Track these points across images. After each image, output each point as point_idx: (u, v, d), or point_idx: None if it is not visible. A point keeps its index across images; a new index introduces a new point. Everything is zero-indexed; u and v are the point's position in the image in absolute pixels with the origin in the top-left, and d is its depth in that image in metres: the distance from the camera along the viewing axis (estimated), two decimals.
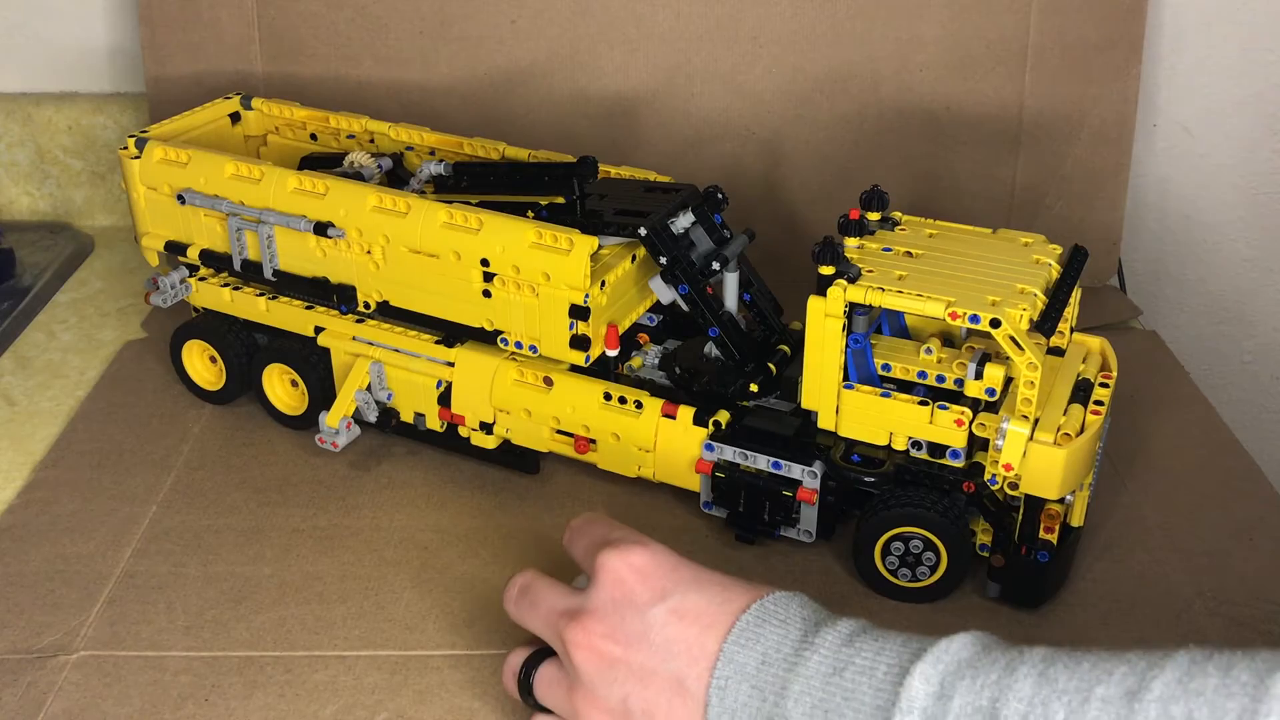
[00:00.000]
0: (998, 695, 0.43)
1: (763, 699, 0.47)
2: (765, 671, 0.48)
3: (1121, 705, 0.40)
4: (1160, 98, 1.04)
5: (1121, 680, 0.41)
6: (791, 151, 1.00)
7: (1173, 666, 0.41)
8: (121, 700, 0.60)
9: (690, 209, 0.72)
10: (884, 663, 0.46)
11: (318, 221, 0.73)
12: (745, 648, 0.49)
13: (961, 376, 0.64)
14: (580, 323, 0.69)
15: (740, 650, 0.49)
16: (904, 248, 0.67)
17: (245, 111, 0.90)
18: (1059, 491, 0.62)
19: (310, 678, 0.61)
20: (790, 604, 0.51)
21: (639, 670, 0.50)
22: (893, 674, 0.46)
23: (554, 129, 0.99)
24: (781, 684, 0.47)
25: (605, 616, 0.51)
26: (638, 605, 0.51)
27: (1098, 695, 0.41)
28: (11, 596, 0.66)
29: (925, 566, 0.65)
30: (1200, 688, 0.40)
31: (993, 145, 0.98)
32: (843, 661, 0.47)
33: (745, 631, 0.49)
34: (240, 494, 0.75)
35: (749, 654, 0.48)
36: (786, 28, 0.97)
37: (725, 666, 0.48)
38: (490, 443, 0.75)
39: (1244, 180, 1.07)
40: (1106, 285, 1.01)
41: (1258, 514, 0.73)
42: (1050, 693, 0.42)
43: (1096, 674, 0.42)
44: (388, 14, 0.98)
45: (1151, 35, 1.00)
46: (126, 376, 0.87)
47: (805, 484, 0.67)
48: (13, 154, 1.09)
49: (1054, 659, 0.43)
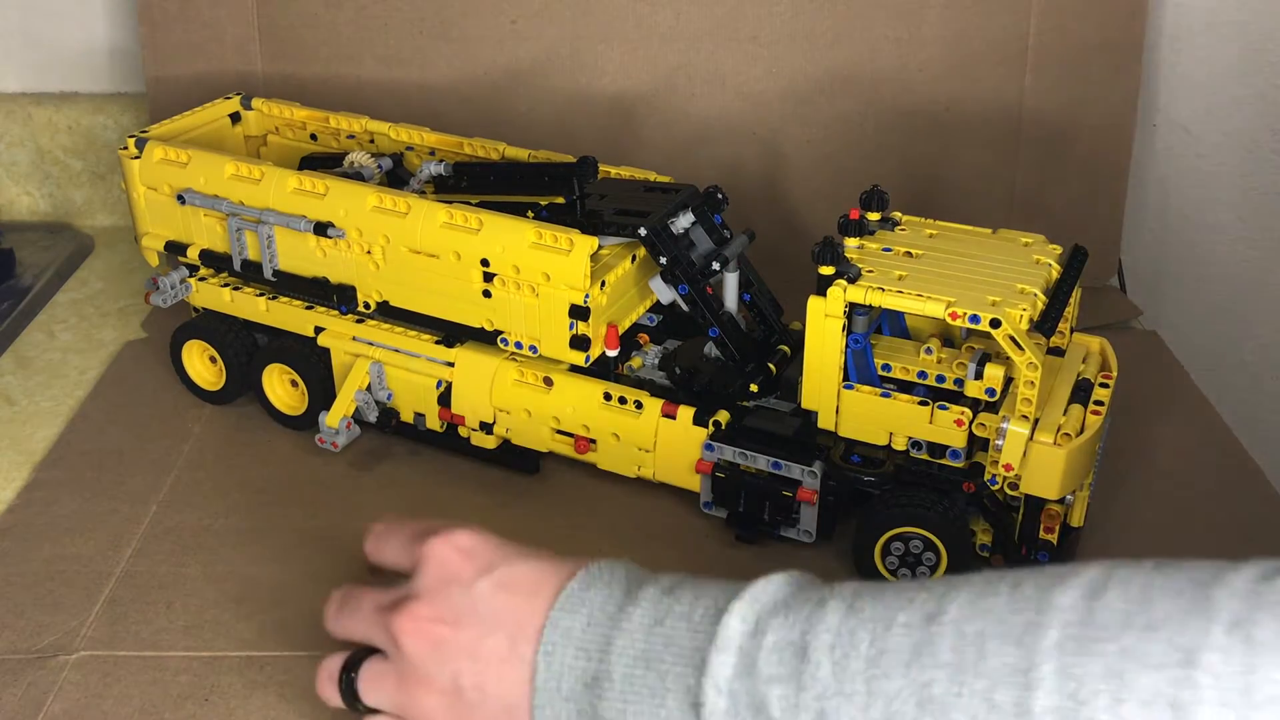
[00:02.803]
0: (808, 628, 0.44)
1: (588, 659, 0.48)
2: (591, 632, 0.48)
3: (921, 628, 0.42)
4: (1160, 98, 1.04)
5: (921, 605, 0.43)
6: (791, 151, 1.00)
7: (967, 588, 0.43)
8: (121, 700, 0.60)
9: (690, 209, 0.72)
10: (701, 606, 0.47)
11: (318, 221, 0.73)
12: (571, 612, 0.49)
13: (961, 376, 0.64)
14: (580, 323, 0.69)
15: (565, 615, 0.49)
16: (904, 248, 0.67)
17: (245, 111, 0.90)
18: (1059, 492, 0.62)
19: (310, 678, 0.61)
20: (615, 568, 0.51)
21: (468, 645, 0.50)
22: (709, 615, 0.46)
23: (554, 129, 0.99)
24: (606, 641, 0.48)
25: (432, 598, 0.51)
26: (463, 581, 0.51)
27: (899, 621, 0.43)
28: (11, 596, 0.66)
29: (925, 567, 0.65)
30: (991, 605, 0.42)
31: (993, 145, 0.98)
32: (663, 611, 0.48)
33: (571, 597, 0.49)
34: (240, 494, 0.75)
35: (574, 618, 0.49)
36: (786, 28, 0.97)
37: (552, 632, 0.49)
38: (490, 443, 0.75)
39: (1244, 180, 1.07)
40: (1106, 285, 1.01)
41: (1258, 514, 0.73)
42: (856, 622, 0.44)
43: (899, 601, 0.44)
44: (388, 14, 0.98)
45: (1151, 35, 1.00)
46: (126, 376, 0.87)
47: (805, 484, 0.67)
48: (13, 154, 1.09)
49: (861, 592, 0.45)
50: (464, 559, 0.52)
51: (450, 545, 0.52)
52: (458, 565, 0.52)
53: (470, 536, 0.53)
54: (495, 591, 0.50)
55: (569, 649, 0.48)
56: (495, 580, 0.51)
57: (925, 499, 0.64)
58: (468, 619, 0.50)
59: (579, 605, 0.49)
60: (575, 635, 0.48)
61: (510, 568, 0.51)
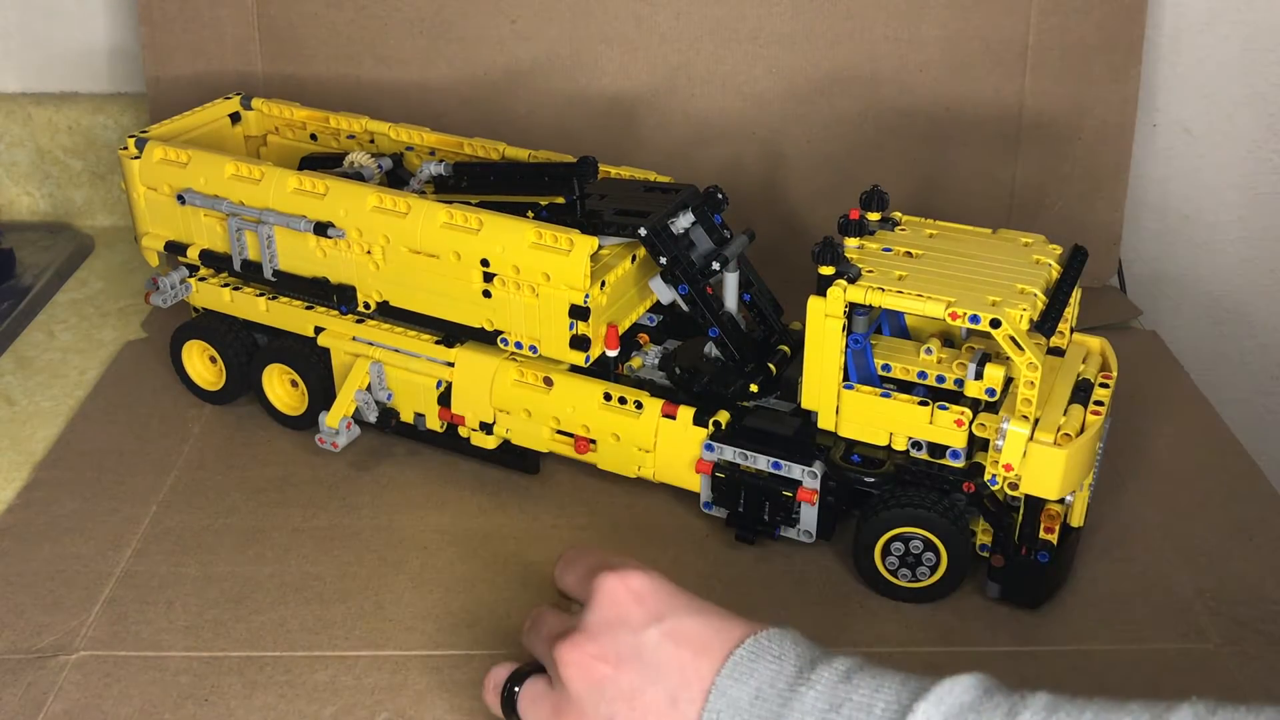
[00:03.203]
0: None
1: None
2: (759, 706, 0.47)
3: None
4: (1160, 98, 1.04)
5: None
6: (791, 151, 1.00)
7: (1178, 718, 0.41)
8: (121, 700, 0.60)
9: (690, 209, 0.72)
10: (882, 701, 0.46)
11: (318, 221, 0.73)
12: (739, 681, 0.48)
13: (961, 376, 0.64)
14: (580, 323, 0.69)
15: (734, 684, 0.48)
16: (904, 248, 0.67)
17: (245, 111, 0.90)
18: (1059, 492, 0.62)
19: (310, 678, 0.61)
20: (785, 640, 0.50)
21: (628, 690, 0.49)
22: (891, 713, 0.45)
23: (554, 129, 0.99)
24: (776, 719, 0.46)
25: (598, 635, 0.51)
26: (632, 626, 0.51)
27: None
28: (11, 596, 0.66)
29: (925, 567, 0.65)
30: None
31: (993, 145, 0.98)
32: (839, 698, 0.46)
33: (739, 665, 0.48)
34: (240, 494, 0.75)
35: (743, 688, 0.48)
36: (786, 28, 0.97)
37: (718, 700, 0.48)
38: (490, 443, 0.75)
39: (1244, 180, 1.07)
40: (1106, 285, 1.01)
41: (1258, 514, 0.73)
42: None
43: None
44: (388, 14, 0.98)
45: (1151, 35, 1.00)
46: (126, 376, 0.87)
47: (805, 484, 0.67)
48: (13, 154, 1.09)
49: (1056, 706, 0.43)
50: (635, 601, 0.52)
51: (623, 584, 0.52)
52: (628, 607, 0.51)
53: (645, 580, 0.52)
54: (662, 642, 0.50)
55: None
56: (664, 631, 0.50)
57: (925, 499, 0.64)
58: (630, 664, 0.50)
59: (748, 676, 0.48)
60: (742, 706, 0.47)
61: (679, 620, 0.51)
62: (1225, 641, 0.64)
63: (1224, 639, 0.64)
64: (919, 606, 0.66)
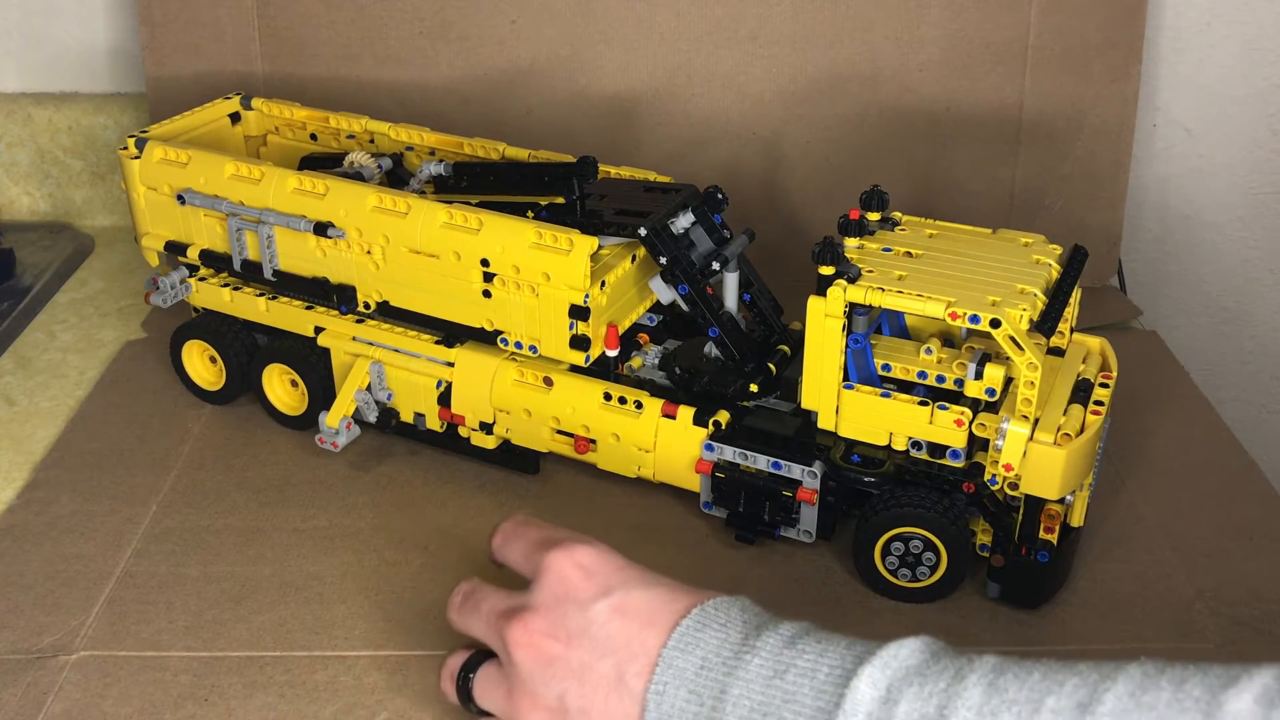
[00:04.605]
0: (945, 703, 0.42)
1: (700, 703, 0.47)
2: (704, 675, 0.47)
3: (1072, 717, 0.40)
4: (1160, 98, 1.04)
5: (1073, 692, 0.41)
6: (791, 151, 1.00)
7: (1125, 679, 0.41)
8: (121, 700, 0.60)
9: (690, 209, 0.72)
10: (826, 665, 0.46)
11: (318, 221, 0.73)
12: (685, 652, 0.48)
13: (961, 376, 0.64)
14: (580, 323, 0.69)
15: (680, 655, 0.48)
16: (904, 248, 0.67)
17: (245, 111, 0.90)
18: (1059, 491, 0.62)
19: (310, 678, 0.61)
20: (732, 608, 0.50)
21: (578, 666, 0.49)
22: (835, 676, 0.45)
23: (554, 129, 0.99)
24: (720, 688, 0.46)
25: (547, 613, 0.51)
26: (580, 601, 0.50)
27: (1048, 706, 0.41)
28: (11, 596, 0.66)
29: (925, 567, 0.65)
30: (1152, 701, 0.39)
31: (993, 145, 0.98)
32: (784, 664, 0.46)
33: (686, 635, 0.48)
34: (240, 494, 0.75)
35: (688, 658, 0.48)
36: (786, 28, 0.97)
37: (665, 671, 0.48)
38: (490, 443, 0.75)
39: (1244, 180, 1.07)
40: (1106, 285, 1.01)
41: (1258, 514, 0.73)
42: (1000, 702, 0.42)
43: (1047, 685, 0.41)
44: (388, 14, 0.98)
45: (1151, 35, 1.00)
46: (126, 376, 0.87)
47: (805, 484, 0.67)
48: (13, 154, 1.09)
49: (1004, 668, 0.43)
50: (583, 576, 0.51)
51: (571, 560, 0.52)
52: (576, 582, 0.51)
53: (592, 553, 0.52)
54: (610, 616, 0.50)
55: (681, 690, 0.47)
56: (612, 604, 0.50)
57: (925, 499, 0.64)
58: (580, 640, 0.50)
59: (693, 645, 0.48)
60: (688, 676, 0.47)
61: (628, 593, 0.50)
62: (1225, 641, 0.64)
63: (1224, 639, 0.64)
64: (919, 606, 0.66)
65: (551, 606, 0.51)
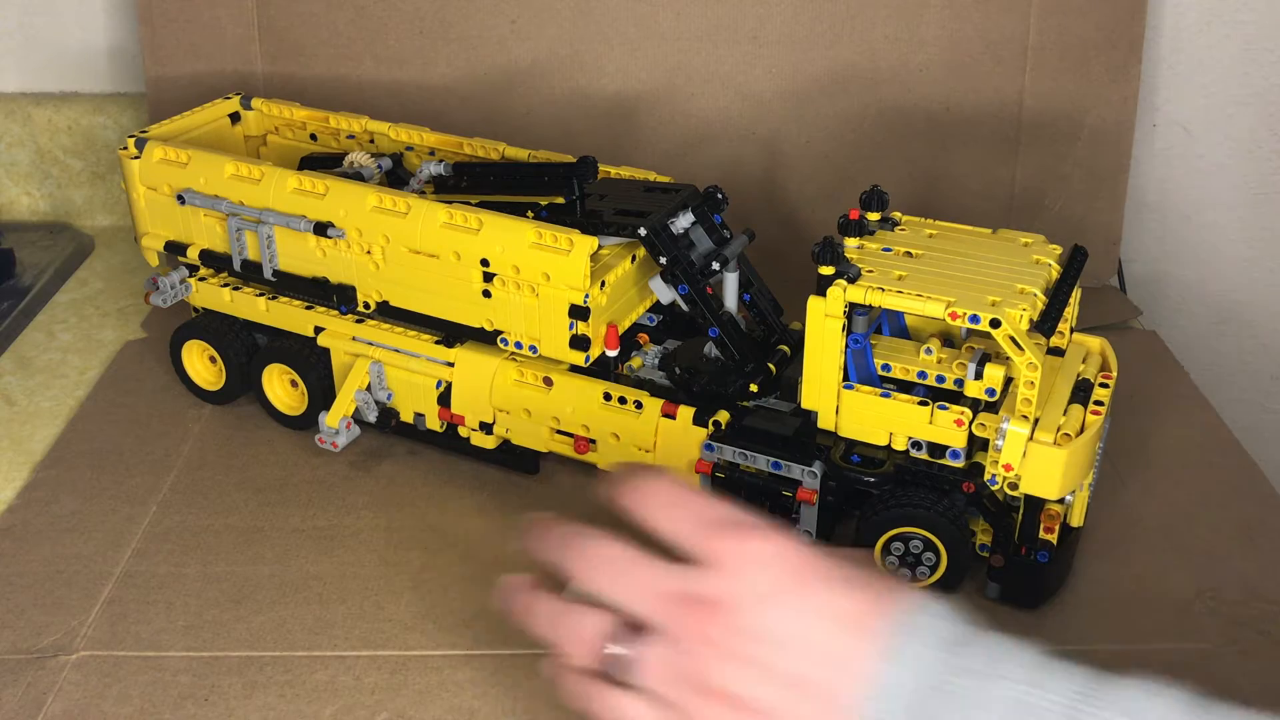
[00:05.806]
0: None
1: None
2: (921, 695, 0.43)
3: None
4: (1160, 98, 1.04)
5: None
6: (791, 151, 1.00)
7: None
8: (121, 700, 0.60)
9: (690, 209, 0.72)
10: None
11: (318, 221, 0.73)
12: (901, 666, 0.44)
13: (961, 376, 0.64)
14: (580, 323, 0.69)
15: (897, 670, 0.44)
16: (904, 248, 0.67)
17: (245, 111, 0.90)
18: (1059, 491, 0.62)
19: (310, 678, 0.61)
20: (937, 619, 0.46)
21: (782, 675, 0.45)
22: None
23: (554, 129, 1.00)
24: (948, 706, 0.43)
25: (738, 609, 0.46)
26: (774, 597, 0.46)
27: None
28: (11, 596, 0.66)
29: (925, 566, 0.65)
30: None
31: (993, 145, 0.98)
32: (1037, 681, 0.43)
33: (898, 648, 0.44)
34: (240, 494, 0.75)
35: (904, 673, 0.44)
36: (786, 28, 0.97)
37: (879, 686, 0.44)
38: (490, 443, 0.75)
39: (1244, 180, 1.07)
40: (1106, 285, 1.01)
41: (1258, 514, 0.73)
42: None
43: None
44: (388, 14, 0.98)
45: (1151, 35, 1.00)
46: (126, 376, 0.87)
47: (805, 484, 0.67)
48: (13, 154, 1.09)
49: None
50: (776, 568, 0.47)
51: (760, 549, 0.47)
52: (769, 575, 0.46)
53: (781, 544, 0.47)
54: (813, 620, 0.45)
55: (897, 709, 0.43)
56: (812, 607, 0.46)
57: (925, 499, 0.64)
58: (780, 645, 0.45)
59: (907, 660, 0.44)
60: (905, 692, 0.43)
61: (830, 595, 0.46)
62: (1225, 641, 0.64)
63: (1224, 639, 0.64)
64: None
65: (741, 600, 0.46)
